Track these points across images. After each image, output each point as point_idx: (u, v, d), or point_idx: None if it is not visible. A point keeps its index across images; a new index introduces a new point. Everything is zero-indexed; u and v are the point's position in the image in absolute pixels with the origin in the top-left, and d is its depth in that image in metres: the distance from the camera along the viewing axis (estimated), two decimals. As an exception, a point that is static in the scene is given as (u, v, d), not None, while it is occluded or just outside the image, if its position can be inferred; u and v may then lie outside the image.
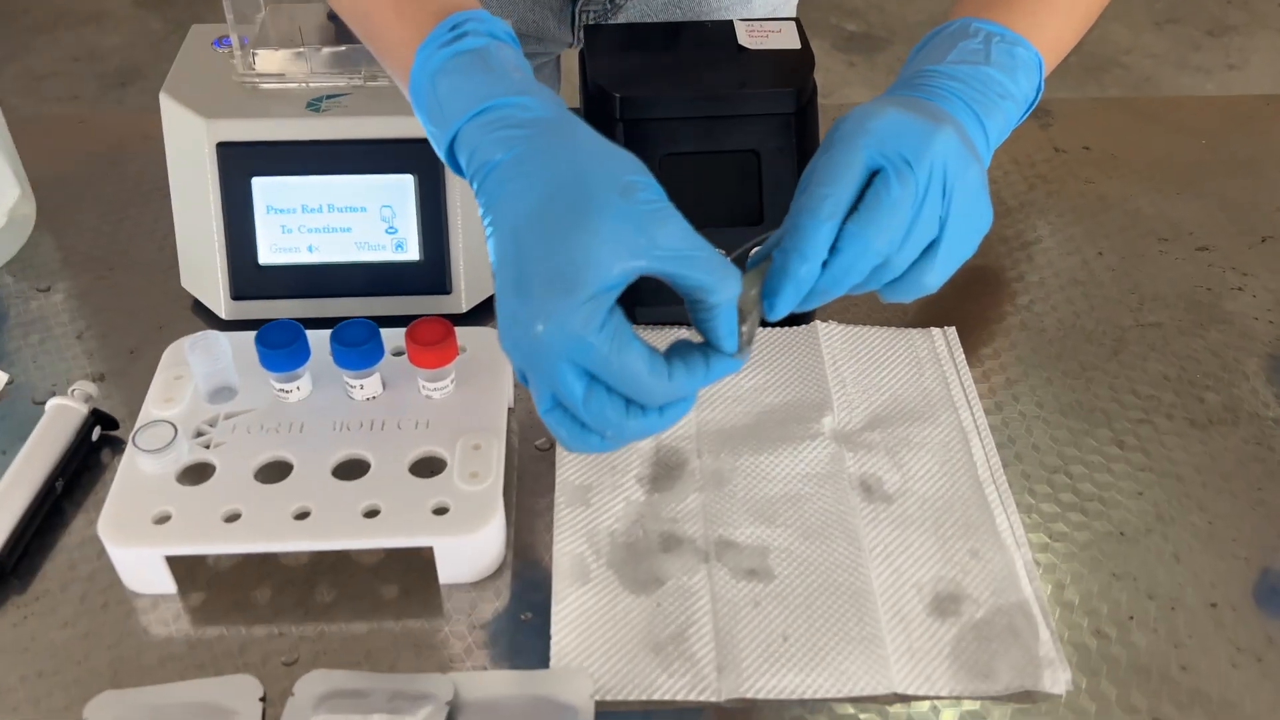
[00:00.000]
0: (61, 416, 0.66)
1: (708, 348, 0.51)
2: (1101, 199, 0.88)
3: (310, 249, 0.73)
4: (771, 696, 0.55)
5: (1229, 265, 0.81)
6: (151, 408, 0.64)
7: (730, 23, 0.78)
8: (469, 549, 0.59)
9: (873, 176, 0.52)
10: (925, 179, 0.51)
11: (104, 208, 0.85)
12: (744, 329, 0.52)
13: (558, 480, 0.65)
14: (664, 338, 0.73)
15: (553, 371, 0.48)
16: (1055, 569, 0.61)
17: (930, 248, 0.53)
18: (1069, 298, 0.79)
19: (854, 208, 0.52)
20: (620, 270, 0.47)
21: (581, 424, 0.51)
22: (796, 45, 0.77)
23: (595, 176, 0.49)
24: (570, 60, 1.12)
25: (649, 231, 0.48)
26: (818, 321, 0.75)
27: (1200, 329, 0.76)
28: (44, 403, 0.67)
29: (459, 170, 0.54)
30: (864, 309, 0.76)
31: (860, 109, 0.53)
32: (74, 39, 2.72)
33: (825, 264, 0.51)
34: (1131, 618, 0.59)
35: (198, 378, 0.64)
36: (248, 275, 0.73)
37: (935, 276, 0.54)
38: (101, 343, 0.74)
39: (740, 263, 0.53)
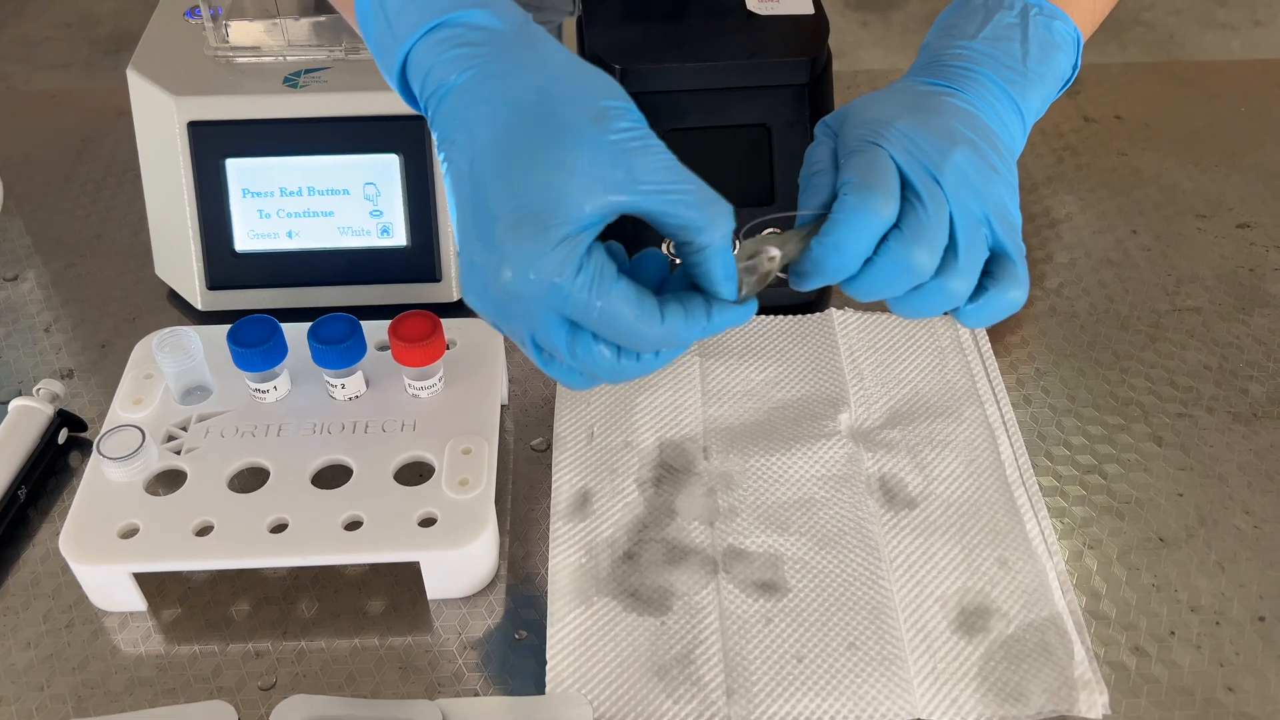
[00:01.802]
0: (25, 418, 0.61)
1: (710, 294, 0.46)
2: (1135, 172, 0.82)
3: (290, 235, 0.68)
4: (785, 724, 0.51)
5: (1272, 243, 0.76)
6: (119, 410, 0.60)
7: (738, -14, 0.73)
8: (458, 563, 0.55)
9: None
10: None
11: (76, 190, 0.81)
12: (750, 280, 0.47)
13: (554, 485, 0.60)
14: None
15: (530, 321, 0.44)
16: (1090, 578, 0.57)
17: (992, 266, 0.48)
18: (1101, 280, 0.74)
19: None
20: (595, 208, 0.42)
21: (571, 368, 0.46)
22: (810, 10, 0.72)
23: (564, 102, 0.44)
24: (571, 29, 1.07)
25: (627, 164, 0.43)
26: (833, 309, 0.70)
27: (1242, 313, 0.71)
28: (9, 402, 0.63)
29: (413, 102, 0.48)
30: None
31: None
32: (67, 4, 2.66)
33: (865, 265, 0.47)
34: (1173, 633, 0.55)
35: (168, 377, 0.60)
36: (224, 263, 0.68)
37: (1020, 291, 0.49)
38: (71, 335, 0.70)
39: (752, 234, 0.48)
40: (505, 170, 0.43)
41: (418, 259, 0.68)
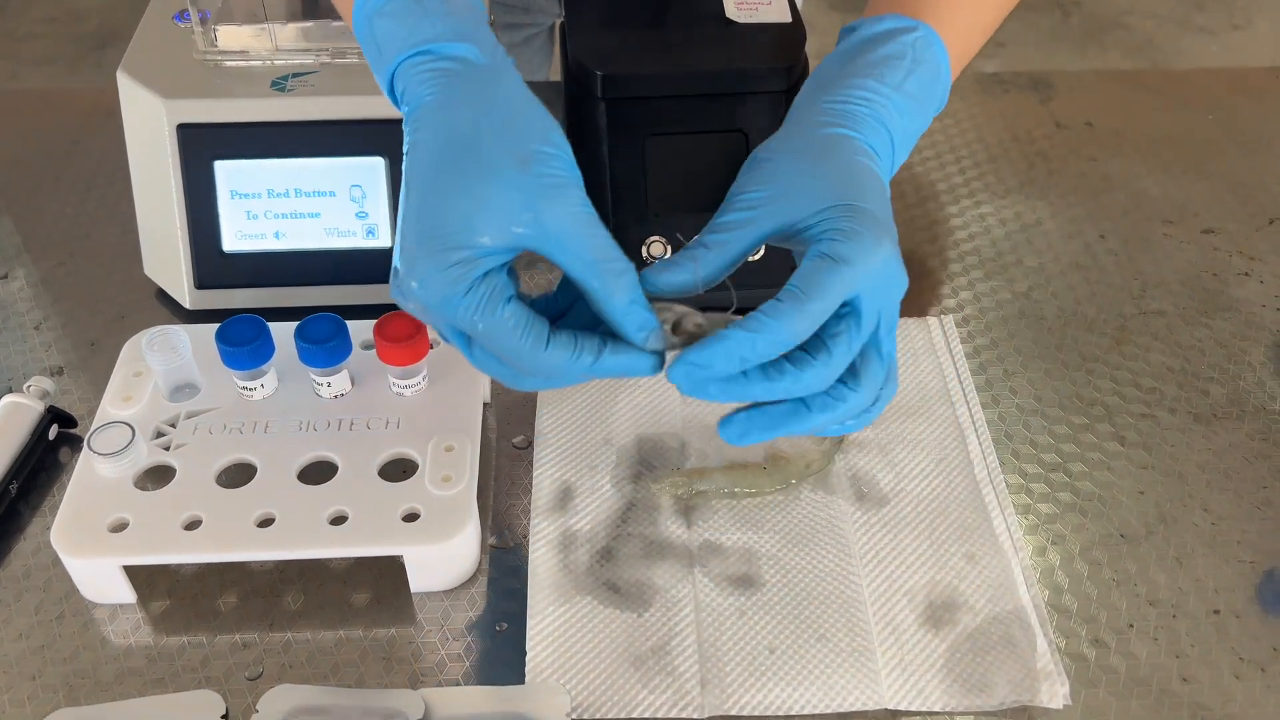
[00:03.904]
0: (16, 414, 0.63)
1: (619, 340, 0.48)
2: (1105, 178, 0.84)
3: (277, 235, 0.69)
4: (757, 713, 0.53)
5: (1235, 249, 0.78)
6: (109, 407, 0.61)
7: (719, -6, 0.74)
8: (441, 557, 0.56)
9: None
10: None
11: (65, 189, 0.82)
12: (669, 333, 0.49)
13: (534, 481, 0.62)
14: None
15: (435, 325, 0.49)
16: (1053, 573, 0.59)
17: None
18: (1070, 284, 0.76)
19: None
20: (494, 241, 0.46)
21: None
22: (788, 18, 0.73)
23: (496, 138, 0.48)
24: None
25: (536, 207, 0.46)
26: (808, 311, 0.71)
27: (1205, 317, 0.73)
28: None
29: (397, 104, 0.53)
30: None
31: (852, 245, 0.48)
32: (51, 0, 2.65)
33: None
34: (1131, 626, 0.57)
35: (157, 375, 0.61)
36: (212, 263, 0.69)
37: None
38: (61, 333, 0.71)
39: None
40: (427, 193, 0.47)
41: (403, 260, 0.70)
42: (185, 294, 0.70)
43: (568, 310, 0.52)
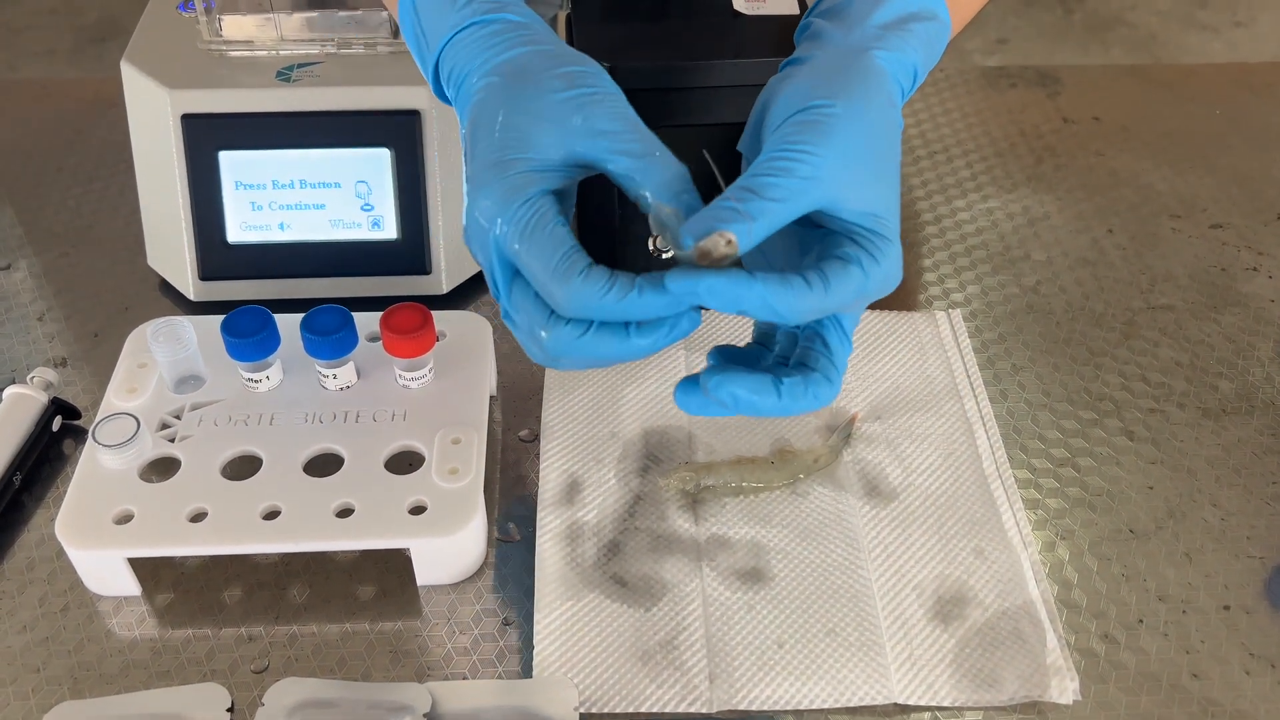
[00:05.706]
0: (20, 406, 0.62)
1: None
2: (1112, 173, 0.84)
3: (282, 227, 0.69)
4: (766, 708, 0.52)
5: (1244, 244, 0.78)
6: (113, 398, 0.60)
7: (725, -14, 0.74)
8: (448, 550, 0.56)
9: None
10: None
11: (68, 179, 0.81)
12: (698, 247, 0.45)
13: (541, 474, 0.62)
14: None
15: (484, 255, 0.47)
16: (1062, 568, 0.59)
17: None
18: (1078, 279, 0.75)
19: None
20: (547, 149, 0.47)
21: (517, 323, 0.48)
22: (794, 10, 0.73)
23: (541, 64, 0.50)
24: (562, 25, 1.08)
25: (585, 113, 0.48)
26: (815, 304, 0.71)
27: (1214, 312, 0.73)
28: (3, 389, 0.63)
29: (444, 96, 0.54)
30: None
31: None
32: (51, -9, 2.64)
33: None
34: (1141, 621, 0.57)
35: (162, 366, 0.61)
36: (216, 254, 0.69)
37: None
38: (64, 325, 0.71)
39: None
40: (492, 124, 0.48)
41: (408, 252, 0.69)
42: (189, 285, 0.70)
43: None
